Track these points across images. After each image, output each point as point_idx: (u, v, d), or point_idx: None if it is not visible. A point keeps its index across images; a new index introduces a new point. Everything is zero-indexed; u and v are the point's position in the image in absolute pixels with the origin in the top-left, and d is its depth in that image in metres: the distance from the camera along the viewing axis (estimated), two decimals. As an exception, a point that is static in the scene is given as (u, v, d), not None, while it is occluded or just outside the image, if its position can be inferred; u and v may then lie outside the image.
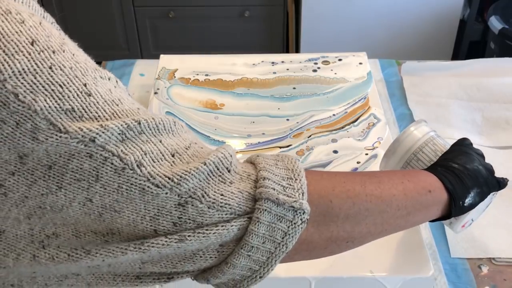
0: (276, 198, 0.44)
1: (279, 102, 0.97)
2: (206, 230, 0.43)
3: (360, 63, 1.06)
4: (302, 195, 0.45)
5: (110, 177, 0.40)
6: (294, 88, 1.00)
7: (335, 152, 0.84)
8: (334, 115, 0.93)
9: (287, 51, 2.17)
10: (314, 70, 1.05)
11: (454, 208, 0.56)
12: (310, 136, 0.88)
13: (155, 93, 0.97)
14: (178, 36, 2.15)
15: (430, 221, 0.58)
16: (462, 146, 0.63)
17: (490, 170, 0.60)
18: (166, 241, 0.42)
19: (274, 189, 0.44)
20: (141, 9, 2.09)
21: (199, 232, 0.43)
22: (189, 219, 0.43)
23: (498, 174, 0.87)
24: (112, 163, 0.40)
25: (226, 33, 2.14)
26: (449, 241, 0.76)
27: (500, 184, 0.61)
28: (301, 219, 0.45)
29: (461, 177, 0.57)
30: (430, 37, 2.02)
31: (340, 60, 1.07)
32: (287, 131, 0.90)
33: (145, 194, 0.41)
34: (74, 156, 0.39)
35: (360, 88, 1.00)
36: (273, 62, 1.07)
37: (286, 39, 2.17)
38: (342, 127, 0.90)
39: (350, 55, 1.09)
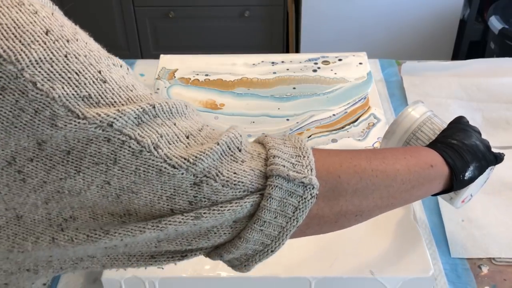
0: (287, 175, 0.45)
1: (279, 102, 0.97)
2: (221, 207, 0.44)
3: (360, 63, 1.06)
4: (311, 171, 0.47)
5: (128, 159, 0.41)
6: (294, 88, 1.00)
7: (335, 152, 0.84)
8: (334, 115, 0.93)
9: (287, 51, 2.17)
10: (314, 70, 1.05)
11: (456, 182, 0.58)
12: (310, 136, 0.88)
13: (155, 93, 0.97)
14: (178, 36, 2.15)
15: (433, 195, 0.60)
16: (460, 124, 0.65)
17: (487, 145, 0.63)
18: (182, 219, 0.44)
19: (284, 166, 0.46)
20: (141, 9, 2.09)
21: (214, 209, 0.44)
22: (204, 197, 0.44)
23: (498, 174, 0.87)
24: (129, 146, 0.41)
25: (226, 33, 2.14)
26: (449, 241, 0.76)
27: (497, 158, 0.64)
28: (310, 194, 0.46)
29: (460, 152, 0.59)
30: (430, 37, 2.02)
31: (340, 60, 1.07)
32: (287, 131, 0.90)
33: (162, 175, 0.42)
34: (92, 141, 0.40)
35: (360, 88, 1.00)
36: (273, 62, 1.07)
37: (286, 39, 2.17)
38: (342, 127, 0.90)
39: (350, 55, 1.09)
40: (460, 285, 0.71)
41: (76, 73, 0.40)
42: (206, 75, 1.03)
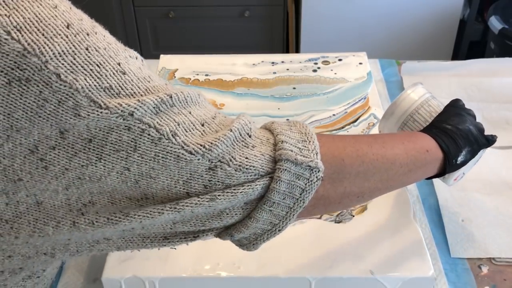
0: (295, 159, 0.48)
1: (279, 102, 0.97)
2: (234, 190, 0.47)
3: (360, 63, 1.06)
4: (316, 155, 0.49)
5: (148, 147, 0.43)
6: (294, 88, 1.00)
7: (335, 152, 0.84)
8: (334, 115, 0.93)
9: (287, 51, 2.17)
10: (314, 70, 1.05)
11: (449, 166, 0.62)
12: (310, 136, 0.88)
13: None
14: (178, 36, 2.15)
15: (427, 178, 0.64)
16: (455, 108, 0.68)
17: (480, 129, 0.66)
18: (198, 201, 0.46)
19: (292, 151, 0.48)
20: (141, 9, 2.09)
21: (227, 192, 0.46)
22: (218, 181, 0.46)
23: (498, 174, 0.87)
24: (149, 134, 0.43)
25: (226, 33, 2.14)
26: (449, 241, 0.76)
27: (489, 141, 0.67)
28: (316, 177, 0.49)
29: (454, 137, 0.62)
30: (430, 37, 2.02)
31: (340, 60, 1.07)
32: (287, 131, 0.90)
33: (179, 161, 0.45)
34: (113, 130, 0.42)
35: (360, 88, 1.00)
36: (273, 62, 1.07)
37: (286, 39, 2.17)
38: (342, 127, 0.90)
39: (350, 55, 1.09)
40: (460, 285, 0.71)
41: (97, 65, 0.42)
42: (206, 75, 1.03)
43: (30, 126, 0.41)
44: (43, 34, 0.40)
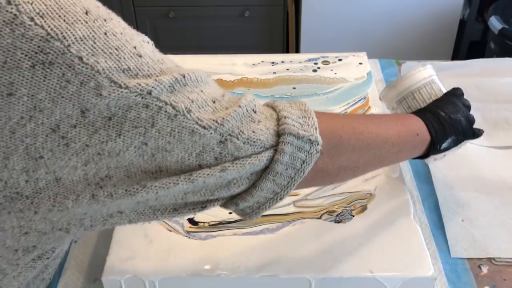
0: (297, 133, 0.52)
1: (279, 102, 0.97)
2: (242, 161, 0.50)
3: (360, 63, 1.07)
4: (316, 130, 0.53)
5: (164, 122, 0.47)
6: (294, 88, 1.00)
7: (335, 152, 0.84)
8: (334, 115, 0.93)
9: (287, 51, 2.17)
10: (314, 70, 1.05)
11: (433, 150, 0.67)
12: (310, 136, 0.88)
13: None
14: (178, 36, 2.15)
15: (412, 159, 0.69)
16: (453, 96, 0.72)
17: (470, 121, 0.71)
18: (210, 172, 0.50)
19: (294, 126, 0.53)
20: (141, 9, 2.09)
21: (236, 163, 0.50)
22: (228, 153, 0.50)
23: (498, 174, 0.88)
24: (166, 111, 0.46)
25: (226, 33, 2.14)
26: (449, 241, 0.76)
27: (476, 134, 0.72)
28: (315, 150, 0.53)
29: (444, 125, 0.67)
30: (430, 37, 2.02)
31: (340, 60, 1.07)
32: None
33: (193, 135, 0.48)
34: (132, 107, 0.45)
35: (360, 88, 1.00)
36: (273, 62, 1.07)
37: (286, 39, 2.17)
38: (342, 127, 0.90)
39: (350, 55, 1.09)
40: (460, 285, 0.71)
41: (116, 48, 0.45)
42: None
43: (52, 106, 0.43)
44: (64, 20, 0.42)
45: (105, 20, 0.45)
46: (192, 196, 0.52)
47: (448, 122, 0.67)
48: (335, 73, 1.03)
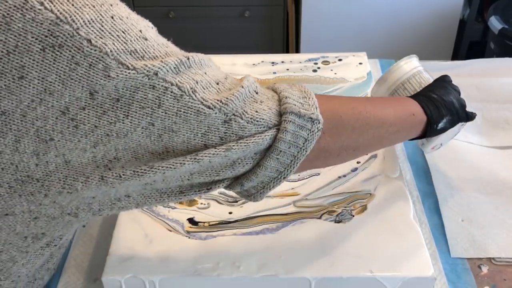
0: (298, 111, 0.54)
1: (279, 102, 0.97)
2: (246, 140, 0.52)
3: (360, 63, 1.07)
4: (316, 109, 0.55)
5: (171, 103, 0.48)
6: (294, 88, 1.00)
7: (335, 152, 0.84)
8: (334, 115, 0.93)
9: (287, 51, 2.17)
10: (314, 70, 1.05)
11: (430, 130, 0.68)
12: (310, 136, 0.88)
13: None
14: (178, 36, 2.14)
15: (409, 140, 0.70)
16: (443, 82, 0.74)
17: (462, 104, 0.72)
18: (215, 151, 0.51)
19: (295, 105, 0.54)
20: (141, 9, 2.09)
21: (241, 143, 0.51)
22: (232, 133, 0.51)
23: (498, 174, 0.88)
24: (172, 92, 0.48)
25: (226, 33, 2.14)
26: (449, 241, 0.76)
27: (469, 116, 0.73)
28: (317, 128, 0.55)
29: (438, 106, 0.68)
30: (430, 37, 2.02)
31: (340, 60, 1.07)
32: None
33: (199, 115, 0.49)
34: (139, 89, 0.46)
35: (360, 88, 1.00)
36: (273, 62, 1.07)
37: (286, 39, 2.17)
38: (342, 127, 0.90)
39: (350, 55, 1.09)
40: (460, 285, 0.71)
41: (123, 31, 0.46)
42: (206, 75, 1.03)
43: (62, 88, 0.45)
44: (72, 4, 0.44)
45: (111, 5, 0.47)
46: (198, 177, 0.53)
47: (441, 103, 0.69)
48: (335, 73, 1.03)
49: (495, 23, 1.85)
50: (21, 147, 0.47)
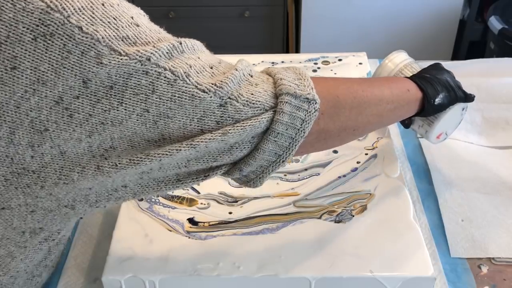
0: (294, 92, 0.53)
1: (279, 102, 0.97)
2: (243, 124, 0.51)
3: (360, 63, 1.07)
4: (312, 89, 0.55)
5: (165, 88, 0.48)
6: (294, 88, 1.00)
7: (335, 152, 0.85)
8: (334, 115, 0.93)
9: (287, 51, 2.17)
10: (314, 70, 1.05)
11: (427, 104, 0.68)
12: (310, 136, 0.88)
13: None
14: (178, 36, 2.15)
15: (411, 117, 0.71)
16: (435, 66, 0.75)
17: (458, 85, 0.73)
18: (212, 136, 0.50)
19: (290, 86, 0.54)
20: (141, 9, 2.09)
21: (237, 126, 0.51)
22: (229, 117, 0.51)
23: (498, 174, 0.88)
24: (165, 77, 0.47)
25: (226, 33, 2.14)
26: (449, 241, 0.76)
27: (467, 96, 0.74)
28: (314, 108, 0.54)
29: (432, 82, 0.69)
30: (430, 37, 2.02)
31: (340, 60, 1.07)
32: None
33: (194, 99, 0.49)
34: (132, 75, 0.46)
35: (360, 88, 1.00)
36: (273, 62, 1.07)
37: (286, 39, 2.17)
38: (342, 127, 0.90)
39: (350, 55, 1.09)
40: (459, 285, 0.71)
41: (114, 18, 0.46)
42: (206, 75, 1.03)
43: (55, 78, 0.44)
44: None
45: None
46: (195, 163, 0.53)
47: (435, 81, 0.69)
48: (335, 73, 1.03)
49: (495, 23, 1.85)
50: (16, 139, 0.47)
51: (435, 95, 0.69)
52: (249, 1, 2.08)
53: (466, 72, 1.10)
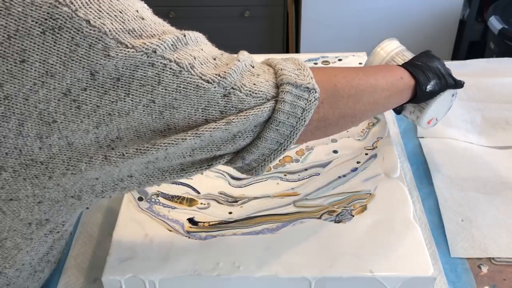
0: (295, 81, 0.55)
1: (279, 102, 0.97)
2: (246, 113, 0.53)
3: (360, 63, 1.07)
4: (311, 78, 0.56)
5: (170, 79, 0.49)
6: (294, 88, 1.00)
7: (335, 152, 0.85)
8: (334, 115, 0.93)
9: (287, 51, 2.17)
10: (314, 70, 1.05)
11: (419, 91, 0.71)
12: (310, 136, 0.88)
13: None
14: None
15: (405, 103, 0.74)
16: (425, 53, 0.77)
17: (448, 72, 0.75)
18: (216, 125, 0.52)
19: (291, 76, 0.56)
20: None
21: (241, 116, 0.52)
22: (232, 106, 0.52)
23: (498, 174, 0.88)
24: (171, 68, 0.49)
25: (226, 33, 2.14)
26: (449, 241, 0.76)
27: (457, 82, 0.76)
28: (314, 97, 0.56)
29: (423, 70, 0.72)
30: (430, 37, 2.02)
31: (340, 60, 1.07)
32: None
33: (198, 90, 0.50)
34: (139, 67, 0.47)
35: (360, 88, 1.00)
36: (273, 62, 1.07)
37: (286, 39, 2.17)
38: (342, 127, 0.90)
39: (350, 55, 1.09)
40: (459, 285, 0.71)
41: (120, 11, 0.47)
42: (206, 75, 1.03)
43: (63, 70, 0.45)
44: None
45: None
46: (199, 152, 0.54)
47: (426, 68, 0.72)
48: (335, 73, 1.03)
49: (495, 23, 1.85)
50: (25, 130, 0.47)
51: (427, 82, 0.71)
52: (249, 1, 2.08)
53: (466, 72, 1.10)
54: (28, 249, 0.58)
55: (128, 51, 0.46)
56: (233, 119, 0.52)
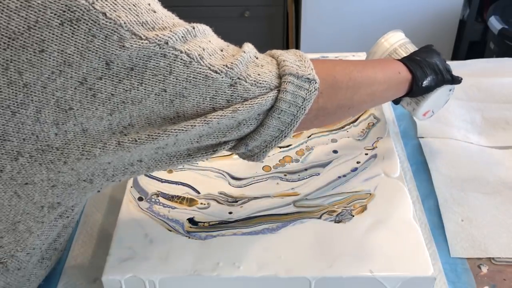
0: (296, 72, 0.58)
1: (279, 102, 0.97)
2: (251, 102, 0.56)
3: (360, 63, 1.06)
4: (312, 70, 0.59)
5: (181, 69, 0.51)
6: (294, 88, 1.00)
7: (335, 152, 0.85)
8: (334, 115, 0.93)
9: (287, 51, 2.16)
10: (314, 70, 1.05)
11: (415, 87, 0.74)
12: (310, 136, 0.88)
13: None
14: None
15: (402, 97, 0.77)
16: (426, 48, 0.79)
17: (446, 68, 0.77)
18: (223, 113, 0.55)
19: (293, 67, 0.58)
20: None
21: (246, 104, 0.55)
22: (238, 96, 0.55)
23: (498, 174, 0.88)
24: (181, 59, 0.51)
25: (226, 33, 2.13)
26: (449, 241, 0.76)
27: (453, 78, 0.77)
28: (314, 87, 0.59)
29: (421, 65, 0.74)
30: (430, 37, 2.02)
31: (340, 60, 1.07)
32: (287, 131, 0.90)
33: (207, 80, 0.53)
34: (152, 57, 0.50)
35: (360, 88, 1.00)
36: (273, 62, 1.07)
37: (286, 39, 2.17)
38: (342, 127, 0.90)
39: (350, 55, 1.09)
40: (459, 285, 0.71)
41: (134, 5, 0.49)
42: (206, 75, 1.03)
43: (80, 60, 0.48)
44: None
45: None
46: (206, 139, 0.57)
47: (424, 64, 0.74)
48: (335, 73, 1.03)
49: (495, 23, 1.85)
50: (42, 117, 0.50)
51: (423, 78, 0.74)
52: (249, 1, 2.08)
53: (466, 72, 1.10)
54: (39, 232, 0.59)
55: (142, 43, 0.49)
56: (239, 107, 0.55)
